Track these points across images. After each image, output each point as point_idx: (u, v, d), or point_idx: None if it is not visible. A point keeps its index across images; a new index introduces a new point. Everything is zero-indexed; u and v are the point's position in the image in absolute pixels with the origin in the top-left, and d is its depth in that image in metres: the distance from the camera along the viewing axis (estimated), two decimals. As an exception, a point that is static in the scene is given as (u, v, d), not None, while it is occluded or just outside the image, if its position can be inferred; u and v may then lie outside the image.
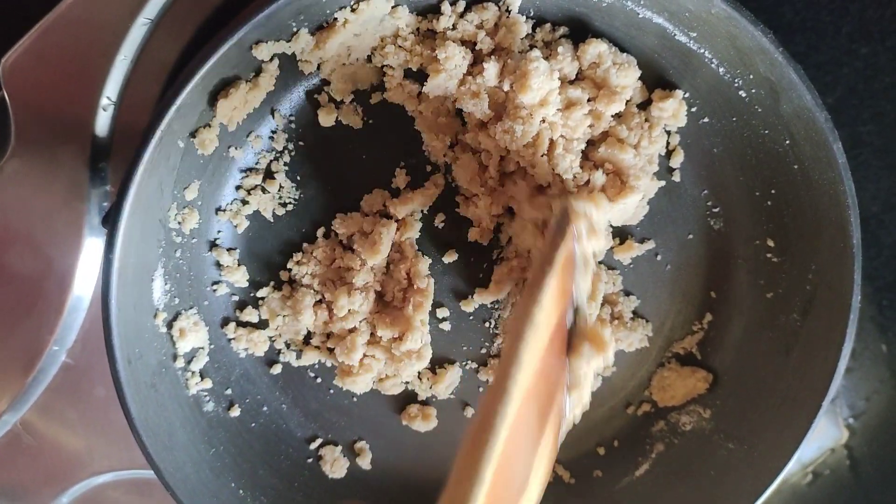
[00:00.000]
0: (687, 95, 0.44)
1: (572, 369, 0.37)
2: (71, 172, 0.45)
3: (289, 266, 0.47)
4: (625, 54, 0.44)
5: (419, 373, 0.49)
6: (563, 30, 0.44)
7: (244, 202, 0.46)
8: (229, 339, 0.47)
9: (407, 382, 0.49)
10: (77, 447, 0.50)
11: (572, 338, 0.37)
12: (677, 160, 0.46)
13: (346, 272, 0.47)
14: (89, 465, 0.51)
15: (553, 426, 0.35)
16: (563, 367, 0.36)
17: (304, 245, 0.47)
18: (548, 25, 0.44)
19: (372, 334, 0.47)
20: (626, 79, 0.43)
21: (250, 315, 0.47)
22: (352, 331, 0.47)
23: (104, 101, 0.45)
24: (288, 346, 0.48)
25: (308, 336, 0.48)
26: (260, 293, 0.47)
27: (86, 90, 0.44)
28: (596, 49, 0.42)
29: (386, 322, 0.46)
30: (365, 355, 0.47)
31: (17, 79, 0.44)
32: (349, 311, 0.46)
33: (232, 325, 0.47)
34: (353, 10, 0.40)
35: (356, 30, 0.41)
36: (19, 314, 0.47)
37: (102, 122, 0.45)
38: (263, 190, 0.46)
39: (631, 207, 0.45)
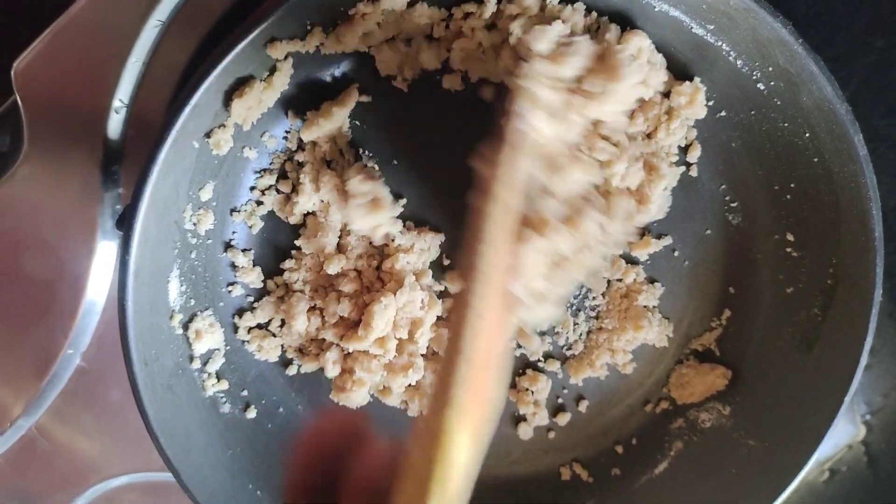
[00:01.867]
0: (705, 89, 0.44)
1: (519, 256, 0.34)
2: (83, 176, 0.45)
3: (282, 267, 0.47)
4: (660, 55, 0.43)
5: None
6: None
7: (259, 203, 0.46)
8: (244, 342, 0.47)
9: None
10: (92, 451, 0.50)
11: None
12: (695, 155, 0.46)
13: (334, 278, 0.46)
14: (104, 469, 0.51)
15: (506, 309, 0.33)
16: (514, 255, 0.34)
17: (293, 252, 0.47)
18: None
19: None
20: (654, 79, 0.42)
21: (249, 320, 0.47)
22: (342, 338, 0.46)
23: (116, 104, 0.45)
24: (301, 351, 0.48)
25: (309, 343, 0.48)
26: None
27: (98, 93, 0.44)
28: (638, 43, 0.41)
29: (353, 334, 0.45)
30: (355, 370, 0.46)
31: (29, 83, 0.44)
32: (341, 317, 0.46)
33: (243, 328, 0.47)
34: (372, 1, 0.39)
35: (377, 19, 0.40)
36: (33, 318, 0.47)
37: (114, 125, 0.45)
38: (278, 190, 0.46)
39: (658, 198, 0.45)
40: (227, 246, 0.46)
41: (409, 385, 0.48)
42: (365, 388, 0.47)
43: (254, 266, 0.46)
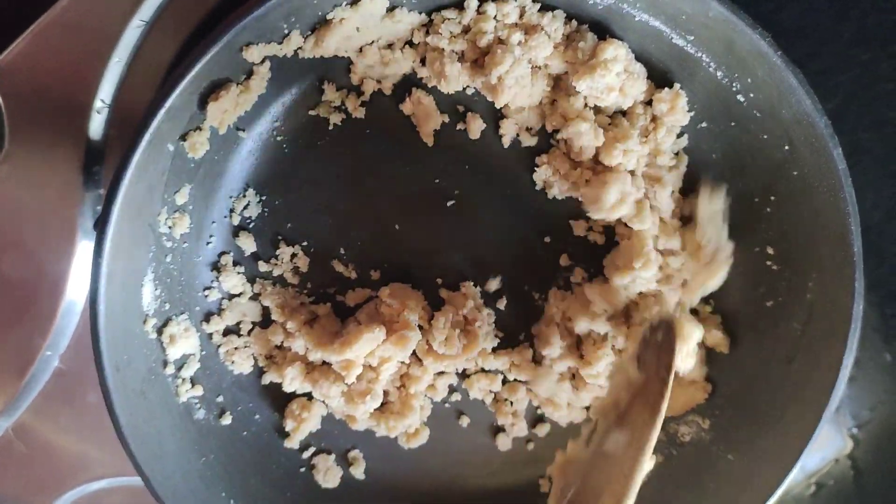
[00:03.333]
0: (685, 94, 0.43)
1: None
2: (64, 176, 0.45)
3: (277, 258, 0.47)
4: (639, 65, 0.43)
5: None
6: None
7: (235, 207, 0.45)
8: (219, 346, 0.47)
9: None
10: (70, 454, 0.50)
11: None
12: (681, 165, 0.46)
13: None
14: (83, 472, 0.50)
15: None
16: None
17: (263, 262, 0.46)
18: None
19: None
20: (633, 88, 0.42)
21: (217, 324, 0.46)
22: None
23: (98, 104, 0.44)
24: (270, 359, 0.48)
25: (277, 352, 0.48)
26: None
27: (80, 93, 0.44)
28: (614, 52, 0.41)
29: (322, 341, 0.45)
30: (310, 395, 0.47)
31: (11, 81, 0.43)
32: (323, 322, 0.46)
33: (216, 332, 0.46)
34: (351, 6, 0.39)
35: (357, 24, 0.40)
36: (12, 319, 0.46)
37: (96, 125, 0.45)
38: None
39: (667, 204, 0.46)
40: (205, 250, 0.45)
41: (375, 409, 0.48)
42: (322, 412, 0.47)
43: (232, 270, 0.46)
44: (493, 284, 0.48)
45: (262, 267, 0.46)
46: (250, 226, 0.46)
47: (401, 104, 0.45)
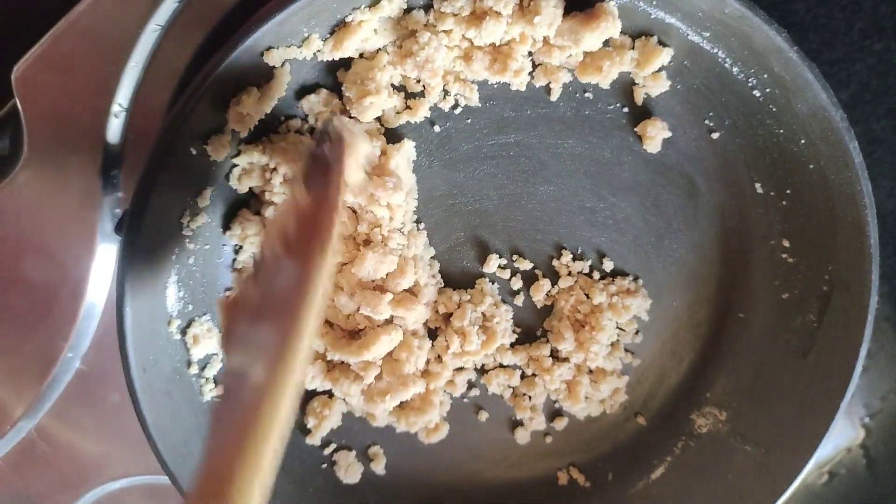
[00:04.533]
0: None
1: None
2: (83, 180, 0.45)
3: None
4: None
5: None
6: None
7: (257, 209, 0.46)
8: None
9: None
10: (92, 453, 0.50)
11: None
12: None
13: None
14: (104, 471, 0.51)
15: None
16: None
17: None
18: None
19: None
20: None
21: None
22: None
23: (115, 108, 0.45)
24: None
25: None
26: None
27: (97, 97, 0.44)
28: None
29: (340, 343, 0.45)
30: (331, 393, 0.47)
31: (29, 87, 0.44)
32: (339, 324, 0.46)
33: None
34: (369, 8, 0.40)
35: (374, 26, 0.41)
36: (34, 321, 0.47)
37: (114, 130, 0.45)
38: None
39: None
40: (226, 251, 0.46)
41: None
42: (342, 409, 0.48)
43: (252, 271, 0.47)
44: (512, 281, 0.48)
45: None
46: (270, 227, 0.47)
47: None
